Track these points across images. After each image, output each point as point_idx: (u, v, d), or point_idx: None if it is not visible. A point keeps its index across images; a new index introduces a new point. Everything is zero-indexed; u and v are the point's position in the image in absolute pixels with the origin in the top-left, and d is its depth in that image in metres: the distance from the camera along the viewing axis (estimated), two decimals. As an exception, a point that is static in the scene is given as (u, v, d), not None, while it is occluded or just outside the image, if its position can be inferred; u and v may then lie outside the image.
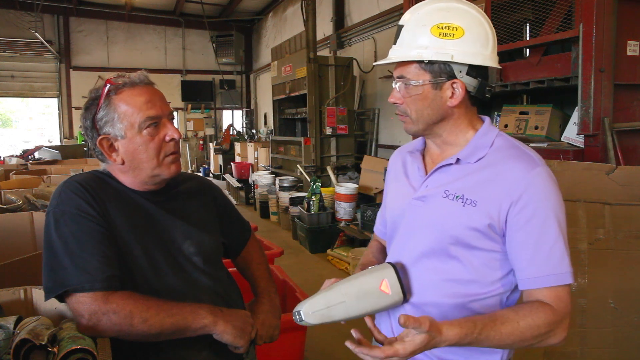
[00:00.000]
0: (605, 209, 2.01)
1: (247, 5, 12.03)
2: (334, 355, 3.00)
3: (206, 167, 12.85)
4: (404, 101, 1.08)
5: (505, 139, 1.09)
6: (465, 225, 1.03)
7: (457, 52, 1.01)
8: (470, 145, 1.08)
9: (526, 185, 0.99)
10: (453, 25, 1.02)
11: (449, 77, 1.04)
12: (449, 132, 1.10)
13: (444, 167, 1.09)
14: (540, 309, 0.97)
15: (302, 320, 1.02)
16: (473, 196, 1.03)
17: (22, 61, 11.67)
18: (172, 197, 1.29)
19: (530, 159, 1.02)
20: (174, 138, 1.19)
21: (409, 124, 1.11)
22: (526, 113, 3.28)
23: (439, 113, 1.07)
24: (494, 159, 1.05)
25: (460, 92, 1.04)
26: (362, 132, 7.58)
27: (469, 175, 1.05)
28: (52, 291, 1.06)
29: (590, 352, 2.01)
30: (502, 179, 1.01)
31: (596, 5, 2.47)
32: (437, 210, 1.07)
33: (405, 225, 1.15)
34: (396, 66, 1.09)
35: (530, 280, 1.00)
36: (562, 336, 0.99)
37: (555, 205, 1.00)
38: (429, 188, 1.10)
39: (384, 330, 1.16)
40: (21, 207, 2.85)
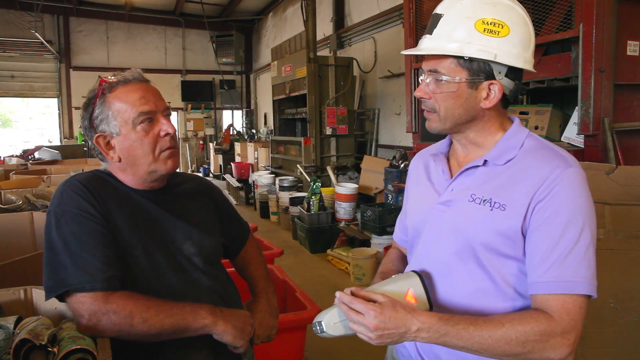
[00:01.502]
0: (605, 209, 2.01)
1: (247, 5, 12.03)
2: (334, 355, 3.00)
3: (206, 167, 12.85)
4: (432, 97, 1.01)
5: (536, 140, 1.02)
6: (493, 231, 0.95)
7: (501, 52, 0.94)
8: (499, 146, 1.01)
9: (553, 184, 0.92)
10: (499, 22, 0.94)
11: (487, 77, 0.97)
12: (477, 133, 1.04)
13: (470, 170, 1.03)
14: (533, 316, 0.89)
15: (324, 332, 0.98)
16: (501, 200, 0.96)
17: (22, 61, 11.68)
18: (173, 198, 1.29)
19: (562, 159, 0.95)
20: (168, 132, 1.19)
21: (435, 121, 1.03)
22: (526, 113, 3.28)
23: (470, 114, 1.00)
24: (523, 160, 0.98)
25: (497, 94, 0.98)
26: (362, 132, 7.58)
27: (496, 177, 0.99)
28: (53, 291, 1.06)
29: (590, 352, 2.01)
30: (530, 179, 0.94)
31: (596, 5, 2.47)
32: (463, 216, 1.00)
33: (428, 232, 1.08)
34: (427, 58, 1.01)
35: (536, 284, 0.92)
36: (563, 352, 0.88)
37: (581, 208, 0.92)
38: (455, 192, 1.04)
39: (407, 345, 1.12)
40: (21, 207, 2.85)
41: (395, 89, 6.71)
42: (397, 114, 6.71)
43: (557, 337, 0.87)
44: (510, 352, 0.88)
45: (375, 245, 4.54)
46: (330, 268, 4.82)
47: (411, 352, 1.11)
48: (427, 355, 1.07)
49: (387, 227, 4.44)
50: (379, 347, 1.32)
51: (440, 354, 1.04)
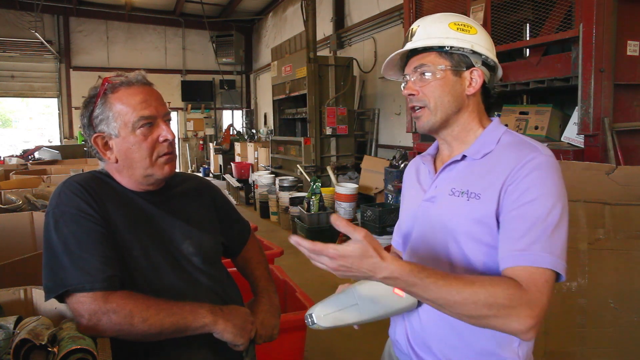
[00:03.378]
0: (605, 209, 2.01)
1: (247, 5, 12.03)
2: (334, 356, 3.00)
3: (206, 167, 12.85)
4: (420, 91, 1.08)
5: (513, 135, 1.07)
6: (472, 220, 1.00)
7: (475, 45, 1.06)
8: (478, 142, 1.08)
9: (524, 168, 0.96)
10: (468, 24, 1.08)
11: (467, 66, 1.07)
12: (462, 126, 1.10)
13: (451, 165, 1.09)
14: (505, 280, 0.89)
15: (315, 324, 0.99)
16: (477, 189, 1.01)
17: (22, 61, 11.68)
18: (172, 197, 1.29)
19: (535, 149, 0.99)
20: (167, 139, 1.19)
21: (426, 116, 1.08)
22: (526, 113, 3.28)
23: (458, 101, 1.07)
24: (498, 153, 1.04)
25: (479, 80, 1.07)
26: (362, 132, 7.58)
27: (473, 170, 1.05)
28: (52, 291, 1.06)
29: (590, 352, 2.01)
30: (503, 167, 0.99)
31: (596, 5, 2.47)
32: (445, 209, 1.05)
33: (417, 229, 1.13)
34: (410, 62, 1.10)
35: (506, 257, 0.93)
36: (526, 323, 0.86)
37: (551, 189, 0.95)
38: (438, 188, 1.10)
39: (399, 335, 1.16)
40: (21, 207, 2.85)
41: (395, 89, 6.70)
42: (397, 114, 6.71)
43: (524, 305, 0.86)
44: (475, 313, 0.87)
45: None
46: (330, 268, 4.82)
47: (404, 345, 1.14)
48: (418, 346, 1.10)
49: (387, 227, 4.44)
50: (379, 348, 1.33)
51: (430, 344, 1.06)
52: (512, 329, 0.87)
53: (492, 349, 1.01)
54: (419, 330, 1.09)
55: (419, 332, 1.09)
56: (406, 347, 1.12)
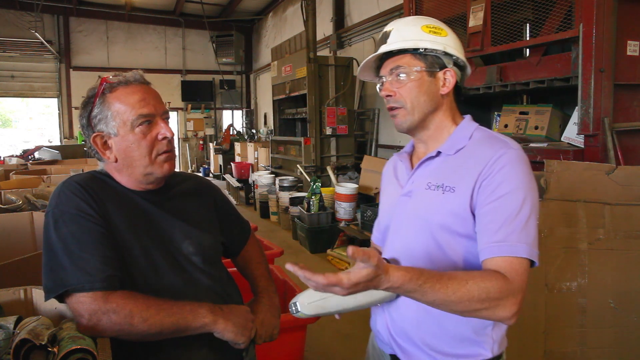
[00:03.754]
0: (605, 209, 2.01)
1: (247, 5, 12.03)
2: (333, 356, 3.00)
3: (206, 167, 12.85)
4: (396, 92, 1.13)
5: (484, 131, 1.14)
6: (447, 212, 1.06)
7: (447, 46, 1.12)
8: (451, 138, 1.14)
9: (496, 163, 1.02)
10: (439, 27, 1.14)
11: (440, 67, 1.12)
12: (437, 125, 1.16)
13: (427, 161, 1.15)
14: (493, 274, 0.95)
15: (299, 312, 1.04)
16: (451, 183, 1.07)
17: (22, 61, 11.67)
18: (171, 197, 1.29)
19: (504, 143, 1.06)
20: (166, 137, 1.19)
21: (404, 116, 1.14)
22: (526, 113, 3.28)
23: (433, 101, 1.13)
24: (471, 149, 1.10)
25: (452, 80, 1.13)
26: (362, 132, 7.58)
27: (447, 165, 1.11)
28: (52, 291, 1.06)
29: (590, 352, 2.01)
30: (476, 161, 1.05)
31: (596, 5, 2.47)
32: (422, 203, 1.11)
33: (395, 222, 1.19)
34: (385, 64, 1.15)
35: (486, 249, 0.99)
36: (512, 310, 0.95)
37: (522, 182, 1.01)
38: (415, 183, 1.15)
39: (380, 326, 1.21)
40: (21, 207, 2.85)
41: (395, 89, 6.69)
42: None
43: (510, 295, 0.94)
44: (469, 308, 0.94)
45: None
46: (330, 268, 4.82)
47: (385, 335, 1.19)
48: (398, 335, 1.15)
49: (387, 227, 4.44)
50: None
51: (410, 332, 1.12)
52: (499, 317, 0.96)
53: (468, 334, 1.08)
54: (399, 320, 1.14)
55: (399, 322, 1.14)
56: (387, 337, 1.18)
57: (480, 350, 1.08)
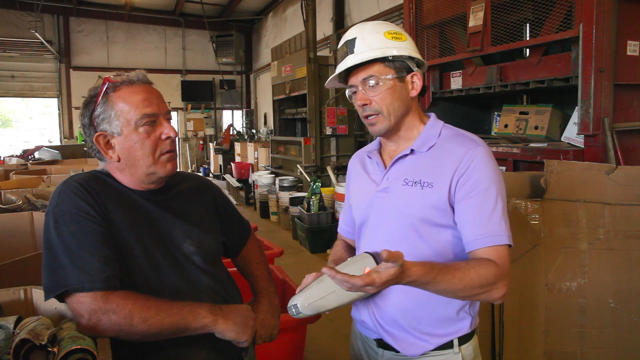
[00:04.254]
0: (605, 209, 2.01)
1: (247, 5, 12.03)
2: (333, 356, 3.00)
3: (206, 167, 12.86)
4: (372, 100, 1.19)
5: (451, 129, 1.24)
6: (427, 206, 1.15)
7: (410, 50, 1.19)
8: (421, 137, 1.23)
9: (469, 161, 1.14)
10: (398, 32, 1.21)
11: (407, 71, 1.20)
12: (407, 126, 1.24)
13: (400, 159, 1.23)
14: (487, 262, 1.08)
15: (300, 313, 1.10)
16: (429, 179, 1.16)
17: (22, 61, 11.68)
18: (172, 197, 1.29)
19: (472, 141, 1.18)
20: (170, 136, 1.20)
21: (381, 122, 1.20)
22: (526, 113, 3.28)
23: (406, 104, 1.21)
24: (442, 145, 1.20)
25: (419, 83, 1.21)
26: (362, 132, 7.58)
27: (422, 162, 1.20)
28: (52, 291, 1.06)
29: (590, 352, 2.01)
30: (450, 158, 1.16)
31: (596, 5, 2.46)
32: (400, 198, 1.19)
33: (373, 218, 1.25)
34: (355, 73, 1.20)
35: (474, 241, 1.12)
36: (503, 291, 1.10)
37: (494, 178, 1.14)
38: (390, 180, 1.23)
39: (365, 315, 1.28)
40: (21, 207, 2.85)
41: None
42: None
43: (502, 279, 1.09)
44: (471, 293, 1.07)
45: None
46: (330, 268, 4.82)
47: (370, 324, 1.26)
48: (385, 322, 1.23)
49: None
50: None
51: (396, 317, 1.20)
52: (493, 299, 1.10)
53: (451, 314, 1.20)
54: (386, 308, 1.22)
55: (386, 309, 1.22)
56: (373, 324, 1.25)
57: (461, 326, 1.21)
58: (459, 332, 1.21)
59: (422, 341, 1.20)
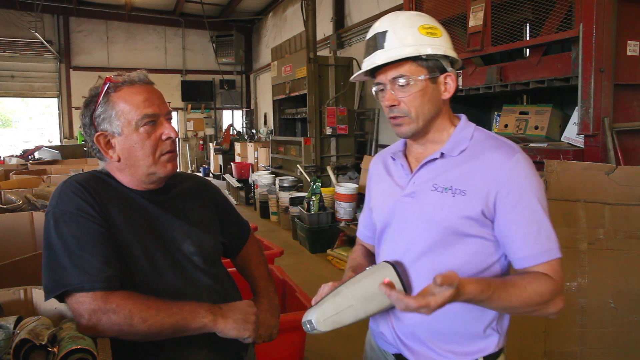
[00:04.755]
0: (605, 209, 2.01)
1: (247, 5, 12.03)
2: (334, 356, 3.00)
3: (206, 167, 12.85)
4: (401, 102, 1.10)
5: (483, 132, 1.15)
6: (458, 215, 1.06)
7: (446, 48, 1.09)
8: (452, 139, 1.13)
9: (509, 171, 1.05)
10: (434, 26, 1.10)
11: (441, 71, 1.10)
12: (436, 129, 1.15)
13: (429, 163, 1.14)
14: (544, 278, 1.03)
15: (315, 329, 1.02)
16: (461, 186, 1.07)
17: (22, 61, 11.67)
18: (172, 197, 1.29)
19: (508, 147, 1.09)
20: (170, 137, 1.20)
21: (408, 124, 1.11)
22: (526, 113, 3.28)
23: (437, 107, 1.12)
24: (475, 150, 1.10)
25: (453, 85, 1.11)
26: (362, 132, 7.58)
27: (454, 167, 1.10)
28: (52, 291, 1.06)
29: (590, 352, 2.01)
30: (487, 168, 1.07)
31: (596, 5, 2.47)
32: (428, 204, 1.10)
33: (396, 224, 1.17)
34: (384, 70, 1.10)
35: (526, 258, 1.05)
36: (559, 306, 1.05)
37: (537, 188, 1.06)
38: (417, 184, 1.14)
39: (383, 327, 1.20)
40: (21, 207, 2.85)
41: (395, 89, 6.69)
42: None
43: (558, 294, 1.04)
44: (527, 310, 1.03)
45: (375, 245, 4.53)
46: (330, 268, 4.82)
47: (389, 337, 1.19)
48: (405, 336, 1.15)
49: (387, 227, 4.44)
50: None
51: (417, 332, 1.13)
52: (548, 314, 1.05)
53: (477, 331, 1.11)
54: (405, 321, 1.14)
55: (405, 322, 1.14)
56: (392, 337, 1.17)
57: (488, 344, 1.12)
58: (484, 351, 1.12)
59: (443, 358, 1.12)
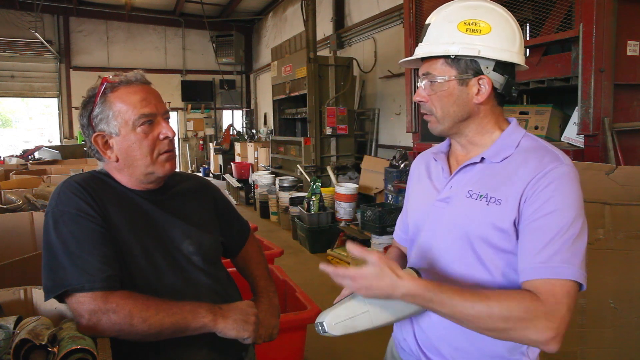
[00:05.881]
0: (605, 209, 2.01)
1: (247, 5, 12.03)
2: (334, 356, 3.00)
3: (206, 167, 12.85)
4: (429, 99, 1.06)
5: (533, 140, 1.05)
6: (490, 225, 0.99)
7: (484, 48, 1.00)
8: (496, 144, 1.05)
9: (544, 178, 0.95)
10: (480, 21, 1.01)
11: (475, 73, 1.02)
12: (475, 131, 1.08)
13: (468, 167, 1.07)
14: (520, 294, 0.91)
15: (326, 332, 1.00)
16: (497, 194, 0.99)
17: (22, 61, 11.67)
18: (171, 197, 1.29)
19: (556, 158, 0.99)
20: (167, 136, 1.20)
21: (434, 123, 1.08)
22: (526, 113, 3.28)
23: (465, 110, 1.05)
24: (518, 158, 1.01)
25: (487, 88, 1.02)
26: (362, 132, 7.58)
27: (492, 174, 1.03)
28: (52, 291, 1.06)
29: (590, 352, 2.01)
30: (523, 174, 0.98)
31: (596, 5, 2.47)
32: (461, 211, 1.03)
33: (428, 228, 1.11)
34: (423, 64, 1.07)
35: (525, 271, 0.94)
36: (545, 334, 0.87)
37: (570, 203, 0.94)
38: (453, 189, 1.07)
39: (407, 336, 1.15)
40: (21, 207, 2.85)
41: (395, 89, 6.70)
42: (397, 114, 6.71)
43: (541, 317, 0.88)
44: (493, 327, 0.90)
45: (375, 246, 4.54)
46: (330, 268, 4.82)
47: (412, 346, 1.14)
48: (427, 349, 1.10)
49: (387, 227, 4.44)
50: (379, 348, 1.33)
51: (440, 347, 1.07)
52: (531, 341, 0.89)
53: (501, 352, 1.03)
54: (429, 333, 1.09)
55: (429, 334, 1.09)
56: (415, 349, 1.12)
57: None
58: None
59: None
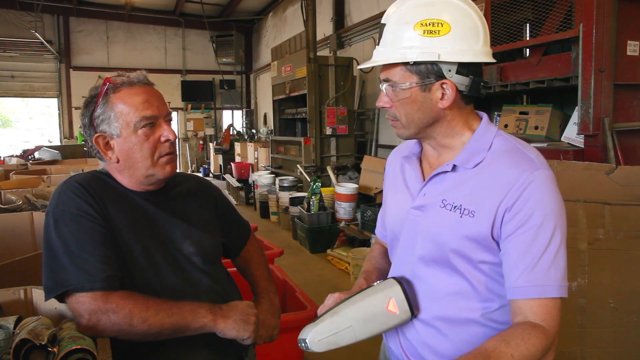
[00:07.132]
0: (605, 209, 2.01)
1: (247, 5, 12.03)
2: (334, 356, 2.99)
3: (206, 167, 12.85)
4: (392, 105, 1.02)
5: (505, 140, 1.01)
6: (464, 237, 0.97)
7: (445, 51, 0.93)
8: (467, 149, 1.01)
9: (522, 189, 0.92)
10: (438, 20, 0.93)
11: (437, 77, 0.96)
12: (444, 134, 1.03)
13: (440, 175, 1.03)
14: (533, 335, 0.89)
15: (309, 349, 0.98)
16: (471, 206, 0.96)
17: (22, 61, 11.67)
18: (172, 198, 1.29)
19: (529, 162, 0.95)
20: (169, 139, 1.20)
21: (400, 128, 1.04)
22: (526, 113, 3.28)
23: (431, 116, 1.00)
24: (492, 164, 0.98)
25: (451, 92, 0.97)
26: (362, 132, 7.58)
27: (466, 182, 0.99)
28: (52, 291, 1.06)
29: (590, 352, 2.01)
30: (498, 185, 0.94)
31: (596, 5, 2.47)
32: (435, 221, 1.01)
33: (405, 236, 1.09)
34: (382, 68, 1.01)
35: (515, 289, 0.93)
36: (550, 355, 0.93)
37: (552, 211, 0.92)
38: (427, 197, 1.04)
39: (392, 343, 1.14)
40: (21, 207, 2.85)
41: (395, 89, 6.69)
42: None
43: (550, 344, 0.91)
44: None
45: (375, 245, 4.53)
46: (330, 268, 4.82)
47: (397, 353, 1.13)
48: (412, 355, 1.09)
49: (387, 227, 4.43)
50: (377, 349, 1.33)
51: (425, 354, 1.06)
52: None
53: None
54: (414, 342, 1.07)
55: (414, 343, 1.08)
56: (401, 355, 1.12)
57: None
58: None
59: None
